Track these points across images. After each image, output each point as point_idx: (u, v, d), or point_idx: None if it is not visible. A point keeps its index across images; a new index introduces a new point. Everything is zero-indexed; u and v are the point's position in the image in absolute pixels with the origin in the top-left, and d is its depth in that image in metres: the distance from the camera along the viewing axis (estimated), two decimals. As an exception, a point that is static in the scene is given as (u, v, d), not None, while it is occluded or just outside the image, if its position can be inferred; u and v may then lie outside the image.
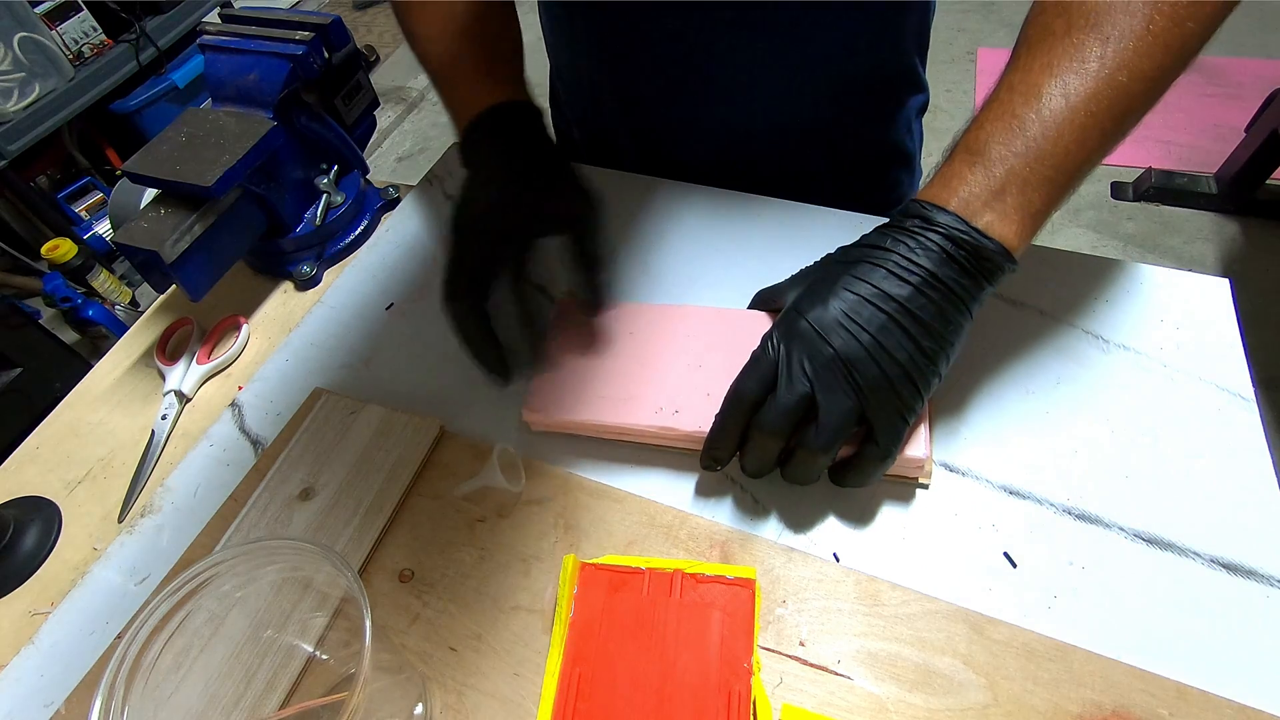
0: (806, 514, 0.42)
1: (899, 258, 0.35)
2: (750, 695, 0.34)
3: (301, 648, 0.37)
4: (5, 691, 0.41)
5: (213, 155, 0.53)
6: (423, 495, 0.45)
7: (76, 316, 1.64)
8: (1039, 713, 0.33)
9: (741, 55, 0.57)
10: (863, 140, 0.64)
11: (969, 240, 0.34)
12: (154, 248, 0.50)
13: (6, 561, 0.47)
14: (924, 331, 0.34)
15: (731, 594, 0.38)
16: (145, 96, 1.88)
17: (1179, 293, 0.49)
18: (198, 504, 0.47)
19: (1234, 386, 0.44)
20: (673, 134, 0.64)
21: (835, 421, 0.35)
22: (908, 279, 0.34)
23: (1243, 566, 0.37)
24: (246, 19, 0.60)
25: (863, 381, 0.34)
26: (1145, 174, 1.79)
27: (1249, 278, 1.59)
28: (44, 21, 1.69)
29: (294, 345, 0.56)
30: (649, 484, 0.44)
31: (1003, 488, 0.41)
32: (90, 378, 0.59)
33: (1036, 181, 0.34)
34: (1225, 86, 2.02)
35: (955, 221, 0.34)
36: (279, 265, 0.63)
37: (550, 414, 0.45)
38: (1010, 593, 0.38)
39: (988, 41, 2.30)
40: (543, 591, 0.40)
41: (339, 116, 0.63)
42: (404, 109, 2.52)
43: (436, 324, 0.55)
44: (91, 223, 1.91)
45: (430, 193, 0.66)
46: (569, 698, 0.35)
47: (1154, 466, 0.41)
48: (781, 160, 0.64)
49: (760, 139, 0.63)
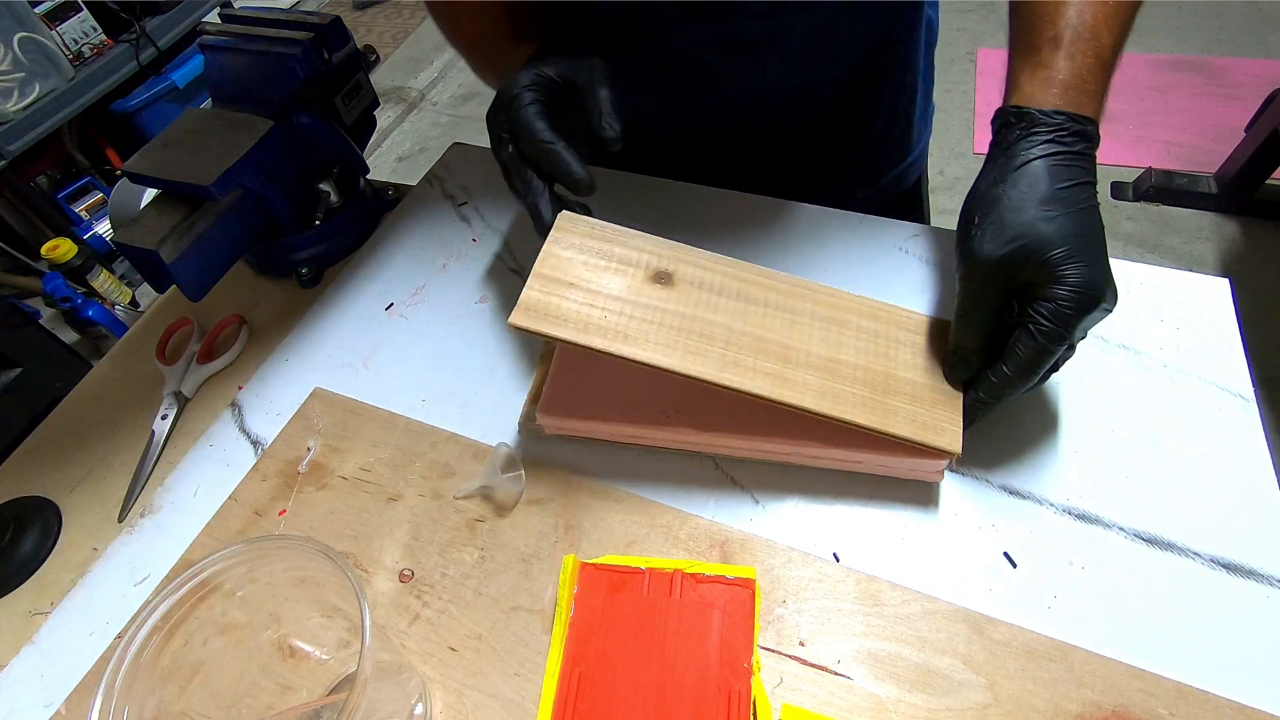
0: (806, 514, 0.42)
1: (1063, 158, 0.37)
2: (750, 695, 0.34)
3: (302, 648, 0.37)
4: (5, 691, 0.41)
5: (213, 155, 0.53)
6: (423, 495, 0.45)
7: (76, 316, 1.64)
8: (1039, 713, 0.33)
9: (735, 59, 0.57)
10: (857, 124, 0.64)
11: (1086, 130, 0.38)
12: (154, 248, 0.50)
13: (6, 561, 0.47)
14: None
15: (731, 594, 0.38)
16: (145, 96, 1.88)
17: (1179, 293, 0.49)
18: (198, 504, 0.47)
19: (1234, 386, 0.44)
20: (668, 135, 0.64)
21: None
22: (1076, 169, 0.37)
23: (1243, 566, 0.37)
24: (246, 19, 0.60)
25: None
26: (1145, 174, 1.79)
27: (1249, 278, 1.59)
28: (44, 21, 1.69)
29: (294, 345, 0.56)
30: (649, 484, 0.44)
31: (1003, 488, 0.41)
32: (90, 378, 0.59)
33: (1098, 68, 0.39)
34: (1225, 86, 2.02)
35: (1069, 120, 0.37)
36: (279, 265, 0.62)
37: (564, 421, 0.45)
38: (1010, 593, 0.38)
39: (988, 42, 2.30)
40: (543, 591, 0.40)
41: (339, 116, 0.63)
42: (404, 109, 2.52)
43: (436, 324, 0.55)
44: (91, 223, 1.91)
45: (430, 193, 0.66)
46: (569, 698, 0.35)
47: (1154, 466, 0.41)
48: (780, 157, 0.64)
49: (757, 138, 0.63)
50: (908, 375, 0.41)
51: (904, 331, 0.43)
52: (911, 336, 0.43)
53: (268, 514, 0.45)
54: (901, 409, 0.40)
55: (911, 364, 0.42)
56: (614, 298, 0.41)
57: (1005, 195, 0.37)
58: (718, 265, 0.44)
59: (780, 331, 0.42)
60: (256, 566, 0.33)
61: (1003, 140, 0.39)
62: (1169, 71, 2.09)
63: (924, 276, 0.52)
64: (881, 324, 0.43)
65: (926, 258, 0.53)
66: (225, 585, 0.32)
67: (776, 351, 0.41)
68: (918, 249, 0.54)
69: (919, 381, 0.41)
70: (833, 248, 0.54)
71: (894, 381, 0.41)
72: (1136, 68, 2.11)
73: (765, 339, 0.41)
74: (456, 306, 0.56)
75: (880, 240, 0.54)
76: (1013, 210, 0.37)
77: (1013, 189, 0.37)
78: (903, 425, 0.39)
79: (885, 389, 0.40)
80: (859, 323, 0.43)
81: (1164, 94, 2.02)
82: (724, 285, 0.43)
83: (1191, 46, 2.16)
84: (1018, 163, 0.37)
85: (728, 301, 0.43)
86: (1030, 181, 0.37)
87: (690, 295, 0.42)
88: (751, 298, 0.43)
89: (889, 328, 0.43)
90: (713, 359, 0.40)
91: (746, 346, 0.41)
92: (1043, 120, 0.38)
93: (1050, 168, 0.37)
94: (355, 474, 0.46)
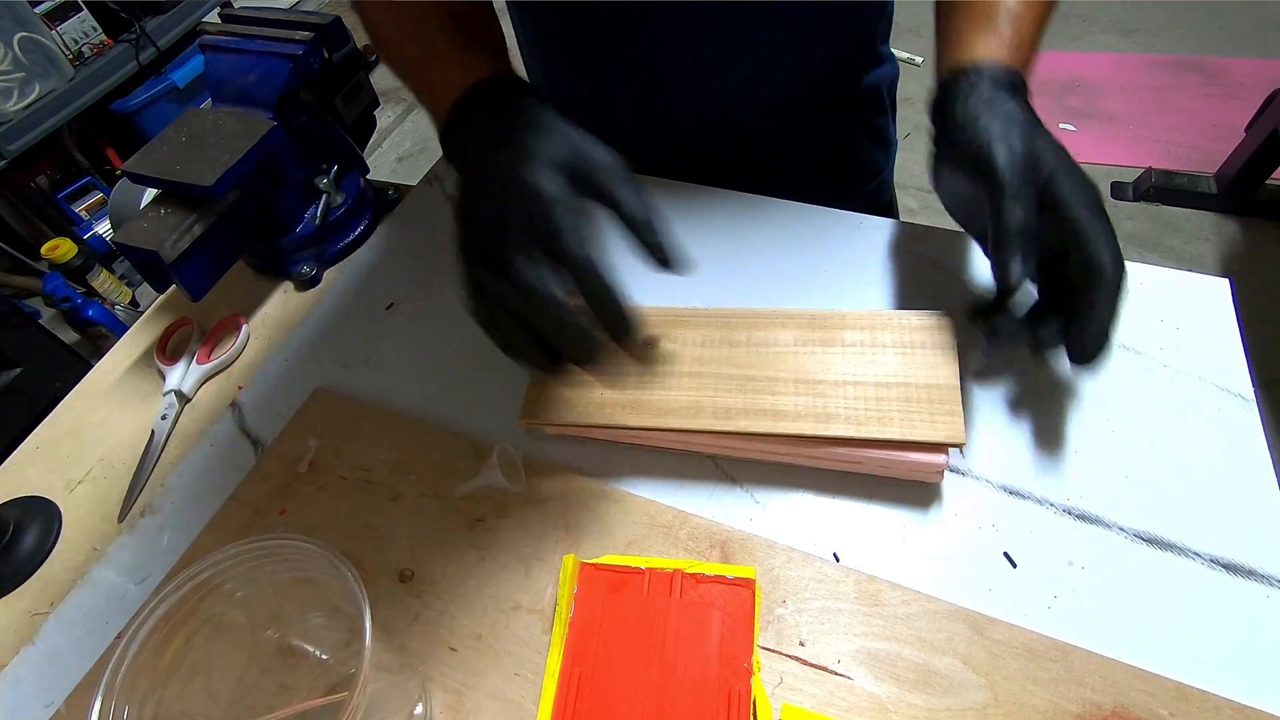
0: (806, 514, 0.42)
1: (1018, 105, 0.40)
2: (750, 695, 0.34)
3: (301, 648, 0.37)
4: (5, 691, 0.41)
5: (213, 155, 0.53)
6: (423, 495, 0.45)
7: (76, 316, 1.64)
8: (1039, 713, 0.33)
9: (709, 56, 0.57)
10: (836, 123, 0.65)
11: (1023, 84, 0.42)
12: (154, 248, 0.50)
13: (6, 561, 0.47)
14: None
15: (731, 594, 0.38)
16: (145, 96, 1.88)
17: (1179, 293, 0.49)
18: (198, 504, 0.47)
19: (1234, 386, 0.44)
20: (645, 134, 0.64)
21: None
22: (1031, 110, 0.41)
23: (1243, 566, 0.37)
24: (246, 19, 0.60)
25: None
26: (1145, 174, 1.79)
27: (1249, 278, 1.59)
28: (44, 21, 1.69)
29: (294, 345, 0.56)
30: (649, 484, 0.44)
31: (1003, 488, 0.41)
32: (90, 378, 0.59)
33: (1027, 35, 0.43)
34: (1225, 86, 2.02)
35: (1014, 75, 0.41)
36: (279, 265, 0.63)
37: (548, 420, 0.45)
38: (1010, 593, 0.38)
39: (988, 41, 2.30)
40: (543, 591, 0.40)
41: (339, 116, 0.63)
42: (404, 109, 2.52)
43: (436, 324, 0.55)
44: (91, 223, 1.91)
45: (430, 193, 0.66)
46: (569, 698, 0.35)
47: (1154, 466, 0.41)
48: (756, 153, 0.64)
49: (733, 134, 0.63)
50: (899, 379, 0.42)
51: (888, 333, 0.44)
52: (896, 337, 0.44)
53: (268, 514, 0.45)
54: (895, 414, 0.40)
55: (901, 367, 0.43)
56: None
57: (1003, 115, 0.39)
58: (697, 317, 0.47)
59: (767, 366, 0.44)
60: (256, 566, 0.33)
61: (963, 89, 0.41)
62: (1169, 71, 2.09)
63: (924, 276, 0.52)
64: (864, 332, 0.45)
65: (927, 257, 0.53)
66: (225, 585, 0.32)
67: (765, 386, 0.43)
68: (921, 249, 0.53)
69: (911, 382, 0.42)
70: (831, 248, 0.54)
71: (884, 389, 0.42)
72: (1136, 68, 2.11)
73: (754, 377, 0.44)
74: (456, 306, 0.56)
75: (880, 240, 0.54)
76: (1016, 124, 0.39)
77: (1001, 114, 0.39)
78: (897, 429, 0.40)
79: (877, 397, 0.41)
80: (842, 337, 0.45)
81: (1164, 94, 2.02)
82: (706, 336, 0.46)
83: (1191, 46, 2.16)
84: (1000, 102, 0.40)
85: (713, 350, 0.45)
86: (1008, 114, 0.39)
87: (679, 352, 0.46)
88: (735, 341, 0.46)
89: (873, 334, 0.44)
90: (705, 410, 0.43)
91: (736, 389, 0.43)
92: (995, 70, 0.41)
93: (1021, 106, 0.40)
94: (355, 474, 0.47)
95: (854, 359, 0.43)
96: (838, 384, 0.42)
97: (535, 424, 0.46)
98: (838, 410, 0.41)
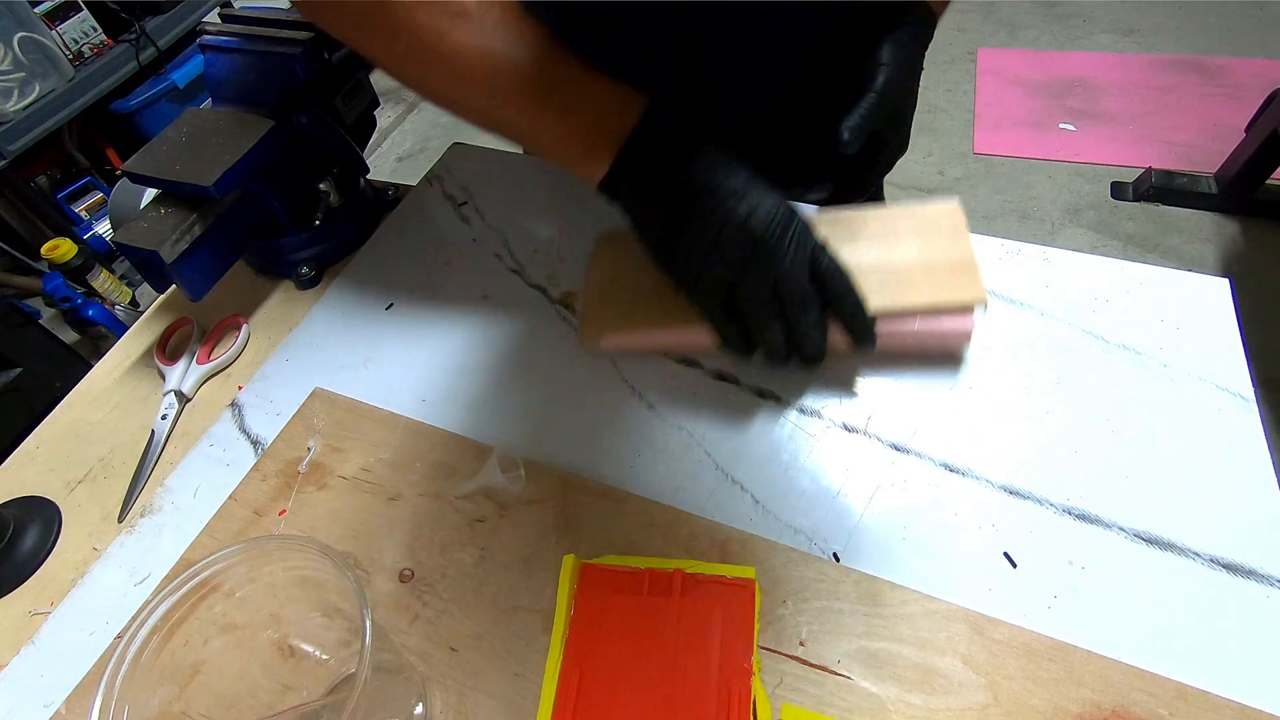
0: (806, 514, 0.42)
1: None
2: (750, 695, 0.34)
3: (301, 648, 0.37)
4: (5, 691, 0.41)
5: (213, 155, 0.53)
6: (423, 495, 0.45)
7: (76, 316, 1.64)
8: (1039, 713, 0.33)
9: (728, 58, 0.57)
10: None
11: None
12: (154, 248, 0.50)
13: (6, 561, 0.47)
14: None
15: (731, 594, 0.38)
16: (145, 96, 1.88)
17: (1179, 293, 0.49)
18: (198, 504, 0.47)
19: (1234, 386, 0.44)
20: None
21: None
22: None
23: (1243, 566, 0.37)
24: (246, 19, 0.60)
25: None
26: (1145, 174, 1.79)
27: (1249, 278, 1.59)
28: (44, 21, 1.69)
29: (294, 345, 0.56)
30: (649, 484, 0.44)
31: (1003, 488, 0.41)
32: (90, 378, 0.59)
33: None
34: (1225, 86, 2.02)
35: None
36: (279, 265, 0.62)
37: (610, 335, 0.49)
38: (1010, 593, 0.38)
39: (988, 42, 2.30)
40: (543, 591, 0.40)
41: (339, 116, 0.63)
42: (404, 109, 2.52)
43: (436, 324, 0.55)
44: (91, 223, 1.91)
45: (430, 193, 0.66)
46: (569, 698, 0.35)
47: (1154, 466, 0.41)
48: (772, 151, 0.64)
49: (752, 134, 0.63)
50: (921, 258, 0.46)
51: (906, 221, 0.49)
52: (913, 225, 0.48)
53: (268, 514, 0.45)
54: (921, 285, 0.45)
55: (921, 249, 0.47)
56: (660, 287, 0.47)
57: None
58: None
59: None
60: (256, 566, 0.33)
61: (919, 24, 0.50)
62: (1169, 71, 2.09)
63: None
64: (884, 224, 0.49)
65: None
66: (225, 585, 0.32)
67: None
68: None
69: (932, 259, 0.46)
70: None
71: (909, 270, 0.46)
72: (1136, 68, 2.11)
73: None
74: (456, 306, 0.56)
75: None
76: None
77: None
78: (923, 295, 0.44)
79: (902, 276, 0.45)
80: (865, 229, 0.49)
81: (1164, 94, 2.02)
82: None
83: (1191, 46, 2.16)
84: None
85: None
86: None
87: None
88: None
89: (893, 223, 0.49)
90: None
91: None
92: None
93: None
94: (355, 474, 0.47)
95: (878, 247, 0.47)
96: (868, 270, 0.44)
97: (598, 337, 0.50)
98: (871, 291, 0.43)
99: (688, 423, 0.46)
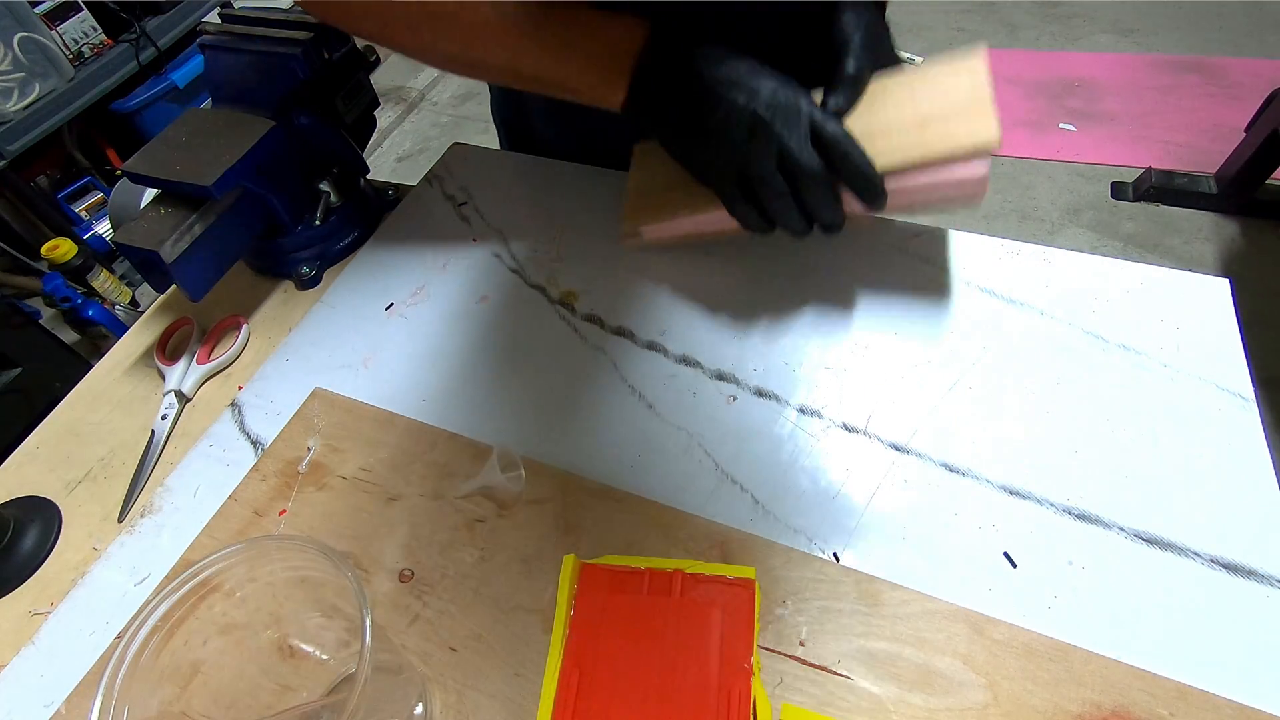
0: (806, 514, 0.42)
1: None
2: (750, 695, 0.34)
3: (301, 648, 0.37)
4: (5, 691, 0.41)
5: (213, 155, 0.53)
6: (423, 495, 0.45)
7: (76, 316, 1.64)
8: (1039, 713, 0.33)
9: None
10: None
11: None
12: (154, 248, 0.50)
13: (6, 561, 0.47)
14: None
15: (731, 594, 0.38)
16: (145, 96, 1.88)
17: (1179, 293, 0.49)
18: (198, 504, 0.47)
19: (1234, 386, 0.44)
20: (601, 132, 0.63)
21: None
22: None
23: (1243, 566, 0.37)
24: (246, 19, 0.60)
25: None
26: (1145, 174, 1.79)
27: (1249, 278, 1.59)
28: (44, 21, 1.69)
29: (294, 345, 0.56)
30: (649, 484, 0.44)
31: (1003, 488, 0.41)
32: (90, 378, 0.59)
33: None
34: (1225, 86, 2.02)
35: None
36: (279, 265, 0.62)
37: (648, 227, 0.53)
38: (1010, 593, 0.38)
39: (988, 41, 2.30)
40: (543, 591, 0.40)
41: (339, 116, 0.63)
42: (404, 109, 2.52)
43: (436, 324, 0.55)
44: (91, 223, 1.91)
45: (430, 193, 0.66)
46: (569, 698, 0.35)
47: (1154, 466, 0.41)
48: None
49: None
50: (935, 111, 0.46)
51: (927, 77, 0.48)
52: (933, 80, 0.48)
53: (268, 514, 0.45)
54: (931, 135, 0.44)
55: (937, 101, 0.46)
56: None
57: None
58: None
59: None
60: (256, 566, 0.33)
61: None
62: (1169, 71, 2.09)
63: (924, 276, 0.52)
64: (905, 85, 0.48)
65: (927, 258, 0.53)
66: (225, 585, 0.32)
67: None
68: (918, 249, 0.54)
69: (947, 109, 0.45)
70: (824, 245, 0.54)
71: (923, 122, 0.45)
72: (1136, 68, 2.11)
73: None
74: (456, 306, 0.56)
75: (880, 240, 0.54)
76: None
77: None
78: (931, 147, 0.44)
79: (914, 132, 0.45)
80: (887, 94, 0.48)
81: (1164, 94, 2.02)
82: None
83: (1191, 46, 2.16)
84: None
85: None
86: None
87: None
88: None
89: (912, 83, 0.48)
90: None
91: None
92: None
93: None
94: (355, 474, 0.47)
95: (894, 107, 0.47)
96: (883, 131, 0.45)
97: (638, 230, 0.53)
98: (886, 151, 0.44)
99: (688, 423, 0.46)
